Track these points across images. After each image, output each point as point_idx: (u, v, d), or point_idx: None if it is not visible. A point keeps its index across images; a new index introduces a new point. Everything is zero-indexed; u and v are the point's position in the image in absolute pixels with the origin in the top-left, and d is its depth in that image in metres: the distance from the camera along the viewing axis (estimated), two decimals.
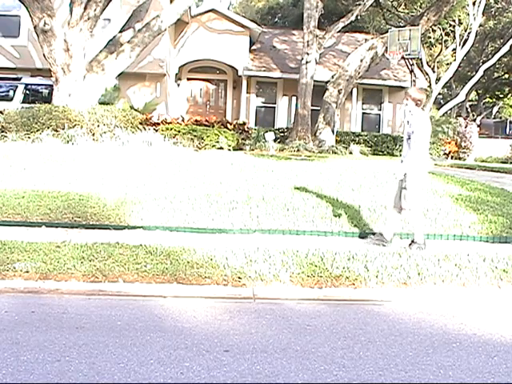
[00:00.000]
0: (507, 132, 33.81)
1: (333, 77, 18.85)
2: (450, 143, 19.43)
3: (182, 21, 18.38)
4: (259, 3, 37.82)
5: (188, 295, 4.50)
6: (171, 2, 16.32)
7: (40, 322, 3.77)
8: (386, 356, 3.43)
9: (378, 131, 21.31)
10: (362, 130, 20.84)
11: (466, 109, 36.30)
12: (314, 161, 12.71)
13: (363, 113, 21.90)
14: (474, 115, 36.30)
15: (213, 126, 15.27)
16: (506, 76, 34.22)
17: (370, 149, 18.12)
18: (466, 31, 27.31)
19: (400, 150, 20.27)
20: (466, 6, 25.82)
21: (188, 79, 21.42)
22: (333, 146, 17.38)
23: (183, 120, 15.86)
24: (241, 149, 15.26)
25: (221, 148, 14.13)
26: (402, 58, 16.38)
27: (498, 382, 3.16)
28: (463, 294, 4.82)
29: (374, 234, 6.41)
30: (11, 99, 14.94)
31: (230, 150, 14.22)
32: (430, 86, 27.18)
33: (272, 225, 6.66)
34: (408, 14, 26.04)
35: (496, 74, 33.95)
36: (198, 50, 20.26)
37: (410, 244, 6.02)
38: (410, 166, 5.93)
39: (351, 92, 19.92)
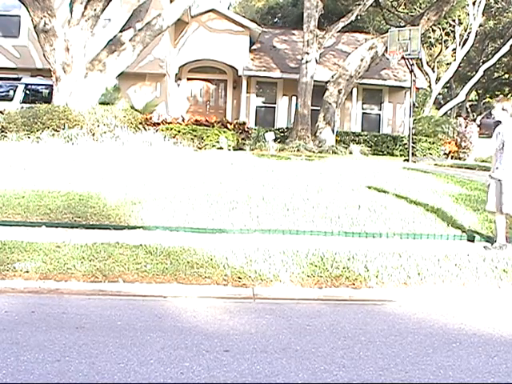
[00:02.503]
0: None
1: (333, 76, 18.84)
2: (449, 143, 19.40)
3: (182, 21, 18.39)
4: (259, 3, 37.81)
5: (188, 295, 4.50)
6: (171, 1, 16.32)
7: (40, 322, 3.77)
8: (386, 356, 3.43)
9: (378, 131, 21.30)
10: (362, 130, 20.83)
11: (466, 109, 36.31)
12: (314, 161, 12.71)
13: (363, 113, 21.89)
14: (474, 115, 36.30)
15: (213, 126, 15.28)
16: (506, 76, 34.23)
17: (370, 149, 18.11)
18: (466, 31, 27.33)
19: (400, 150, 20.22)
20: (466, 6, 25.84)
21: (188, 79, 21.41)
22: (333, 146, 17.37)
23: (183, 120, 15.87)
24: (241, 149, 15.25)
25: (221, 148, 14.14)
26: (402, 57, 16.34)
27: (497, 382, 3.16)
28: (463, 294, 4.82)
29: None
30: (11, 99, 14.94)
31: (230, 149, 14.23)
32: (430, 86, 27.18)
33: (272, 225, 6.66)
34: (408, 14, 26.04)
35: (496, 74, 33.96)
36: (198, 49, 20.26)
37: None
38: (504, 172, 6.09)
39: (351, 92, 19.91)
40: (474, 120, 30.73)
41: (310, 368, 3.21)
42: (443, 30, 28.55)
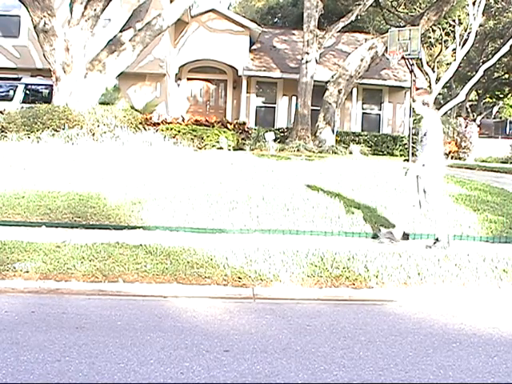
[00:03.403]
0: (507, 132, 33.82)
1: (333, 76, 18.85)
2: (450, 143, 19.40)
3: (182, 21, 18.39)
4: (259, 3, 37.82)
5: (188, 295, 4.50)
6: (171, 1, 16.33)
7: (40, 322, 3.77)
8: (386, 356, 3.43)
9: (378, 131, 21.31)
10: (362, 130, 20.85)
11: (466, 109, 36.30)
12: (314, 161, 12.70)
13: (363, 113, 21.90)
14: (474, 115, 36.31)
15: (213, 126, 15.28)
16: (506, 76, 34.23)
17: (369, 149, 18.11)
18: (465, 31, 27.31)
19: (400, 150, 20.25)
20: (466, 6, 25.83)
21: (188, 79, 21.42)
22: (333, 146, 17.37)
23: (183, 120, 15.87)
24: (241, 149, 15.25)
25: (221, 148, 14.14)
26: (402, 57, 16.35)
27: (497, 382, 3.16)
28: (463, 293, 4.82)
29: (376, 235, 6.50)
30: (11, 99, 14.94)
31: (230, 149, 14.22)
32: (430, 86, 27.16)
33: (272, 225, 6.66)
34: (408, 14, 26.04)
35: (496, 74, 33.95)
36: (198, 49, 20.26)
37: (435, 243, 6.12)
38: (425, 168, 6.04)
39: (351, 92, 19.91)
40: (474, 120, 30.76)
41: (310, 368, 3.21)
42: (443, 29, 28.55)
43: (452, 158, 18.96)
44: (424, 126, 6.08)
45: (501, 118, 41.67)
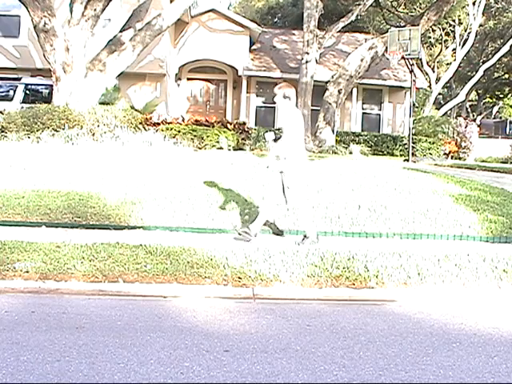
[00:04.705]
0: (507, 132, 33.81)
1: (333, 76, 18.85)
2: (450, 143, 19.42)
3: (182, 21, 18.39)
4: (259, 3, 37.82)
5: (188, 295, 4.50)
6: (171, 1, 16.33)
7: (40, 322, 3.77)
8: (386, 356, 3.43)
9: (378, 131, 21.30)
10: (362, 130, 20.83)
11: (466, 109, 36.32)
12: (313, 161, 12.69)
13: (363, 113, 21.88)
14: (474, 115, 36.33)
15: (213, 126, 15.28)
16: (506, 76, 34.25)
17: (370, 149, 18.10)
18: (465, 31, 27.34)
19: (400, 150, 20.24)
20: (466, 6, 25.86)
21: (188, 79, 21.41)
22: (333, 146, 17.37)
23: (183, 120, 15.86)
24: (241, 149, 15.25)
25: (221, 148, 14.14)
26: (402, 57, 16.34)
27: (497, 382, 3.16)
28: (463, 293, 4.82)
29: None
30: (11, 99, 14.95)
31: (230, 149, 14.22)
32: (430, 86, 27.18)
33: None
34: (408, 14, 26.04)
35: (496, 74, 33.97)
36: (198, 49, 20.26)
37: (303, 239, 6.02)
38: (286, 164, 5.99)
39: (351, 92, 19.91)
40: (474, 120, 30.77)
41: (309, 368, 3.21)
42: (443, 29, 28.57)
43: (452, 157, 18.98)
44: (284, 121, 6.04)
45: (501, 118, 41.69)
